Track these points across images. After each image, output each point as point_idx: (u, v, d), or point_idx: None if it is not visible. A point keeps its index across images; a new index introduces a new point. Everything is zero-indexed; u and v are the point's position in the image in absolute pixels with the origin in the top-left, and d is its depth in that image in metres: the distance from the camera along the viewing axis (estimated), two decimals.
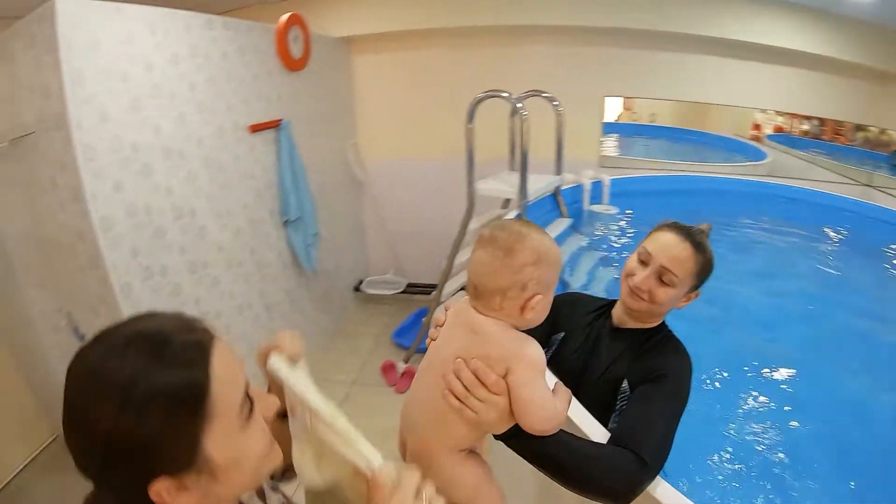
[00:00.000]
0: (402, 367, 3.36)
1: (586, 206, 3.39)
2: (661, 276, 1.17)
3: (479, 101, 2.69)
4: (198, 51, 2.44)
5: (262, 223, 2.99)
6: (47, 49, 1.81)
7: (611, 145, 4.14)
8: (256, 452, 0.57)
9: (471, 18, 3.57)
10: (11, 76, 1.97)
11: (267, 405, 0.63)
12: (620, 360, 1.22)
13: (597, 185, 3.42)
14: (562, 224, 3.08)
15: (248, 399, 0.56)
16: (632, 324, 1.27)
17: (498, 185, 2.87)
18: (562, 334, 1.37)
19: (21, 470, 2.69)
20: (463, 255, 3.01)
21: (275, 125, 3.05)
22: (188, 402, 0.49)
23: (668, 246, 1.18)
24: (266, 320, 3.02)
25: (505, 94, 2.64)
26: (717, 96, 3.67)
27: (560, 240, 2.87)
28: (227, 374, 0.53)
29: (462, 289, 3.28)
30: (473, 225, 2.89)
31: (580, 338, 1.33)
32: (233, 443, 0.53)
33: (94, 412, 0.47)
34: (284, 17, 3.06)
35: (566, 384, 0.93)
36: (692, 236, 1.19)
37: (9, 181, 2.25)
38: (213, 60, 2.55)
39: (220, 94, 2.61)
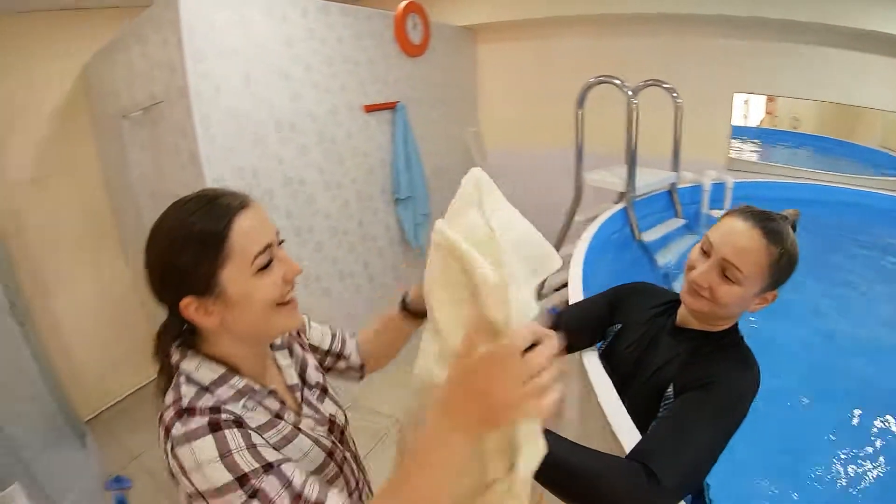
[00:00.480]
0: None
1: (705, 208, 2.97)
2: (725, 271, 0.96)
3: (590, 86, 2.55)
4: (314, 34, 2.64)
5: (371, 198, 3.13)
6: (172, 31, 2.10)
7: (750, 150, 3.60)
8: (264, 297, 0.71)
9: (596, 6, 3.35)
10: (145, 55, 2.33)
11: (290, 269, 0.75)
12: (673, 363, 1.04)
13: (719, 188, 2.96)
14: (674, 224, 2.77)
15: (269, 258, 0.72)
16: (696, 325, 1.06)
17: (607, 176, 2.67)
18: (619, 326, 1.21)
19: (130, 394, 3.43)
20: (567, 248, 2.79)
21: (390, 107, 3.16)
22: (210, 244, 0.68)
23: (733, 235, 0.96)
24: (368, 290, 3.13)
25: (617, 81, 2.45)
26: (862, 98, 2.93)
27: (671, 239, 2.59)
28: (247, 230, 0.70)
29: (564, 285, 3.04)
30: (580, 217, 2.73)
31: (637, 333, 1.15)
32: (243, 283, 0.70)
33: (156, 248, 0.69)
34: (402, 4, 3.18)
35: (615, 383, 0.87)
36: (766, 223, 0.95)
37: (142, 145, 2.65)
38: (329, 44, 2.73)
39: (335, 76, 2.78)
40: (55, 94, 3.00)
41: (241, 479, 0.60)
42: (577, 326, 1.24)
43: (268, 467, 0.63)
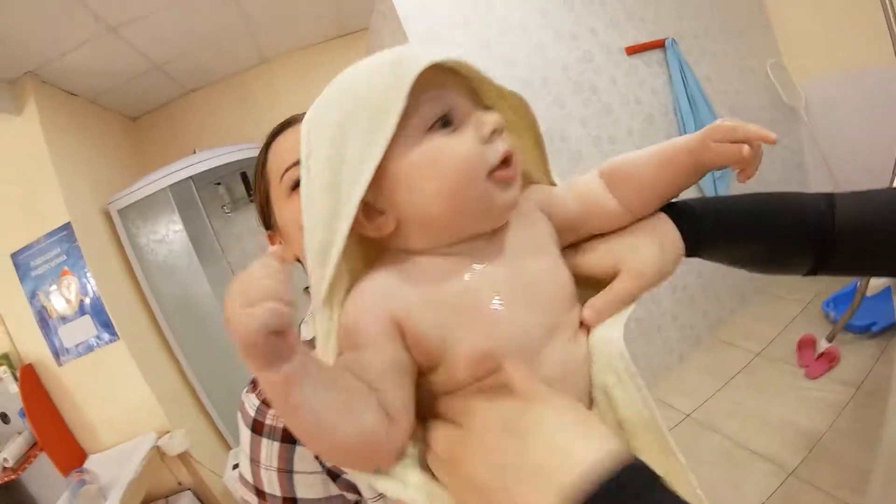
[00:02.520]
0: (823, 345, 2.17)
1: None
2: None
3: None
4: None
5: None
6: (391, 15, 2.03)
7: None
8: (296, 221, 0.58)
9: None
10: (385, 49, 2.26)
11: None
12: None
13: None
14: None
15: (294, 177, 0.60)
16: None
17: None
18: None
19: None
20: None
21: (659, 45, 2.51)
22: (258, 171, 0.66)
23: None
24: None
25: None
26: None
27: None
28: (278, 150, 0.63)
29: None
30: None
31: None
32: (282, 208, 0.62)
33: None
34: None
35: None
36: None
37: None
38: None
39: (579, 19, 2.32)
40: None
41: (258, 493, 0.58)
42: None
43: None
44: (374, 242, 0.44)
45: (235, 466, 2.14)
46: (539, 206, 0.47)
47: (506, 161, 0.40)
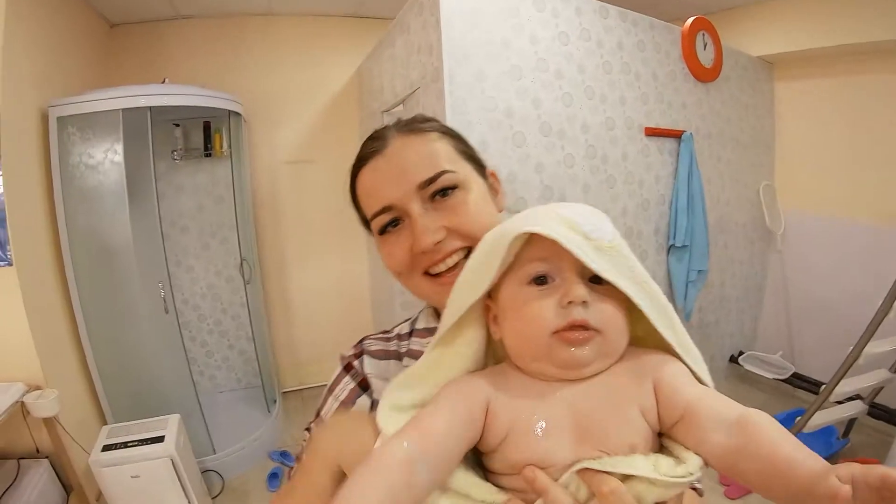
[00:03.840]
0: None
1: None
2: None
3: None
4: (590, 35, 2.18)
5: (641, 237, 2.43)
6: (431, 11, 1.86)
7: None
8: (386, 263, 0.64)
9: None
10: (407, 43, 2.13)
11: (416, 240, 0.60)
12: None
13: None
14: None
15: (391, 218, 0.61)
16: None
17: None
18: None
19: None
20: (877, 346, 1.97)
21: (676, 135, 2.48)
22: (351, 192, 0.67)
23: None
24: None
25: None
26: None
27: None
28: (367, 187, 0.63)
29: (858, 397, 2.26)
30: None
31: None
32: (377, 246, 0.65)
33: None
34: (691, 19, 2.58)
35: None
36: None
37: None
38: (607, 48, 2.24)
39: (614, 84, 2.25)
40: (332, 89, 3.25)
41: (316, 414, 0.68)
42: None
43: None
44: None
45: (109, 448, 1.86)
46: (654, 380, 0.48)
47: (574, 326, 0.46)
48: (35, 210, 1.96)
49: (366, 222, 0.65)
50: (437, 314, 0.68)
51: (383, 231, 0.62)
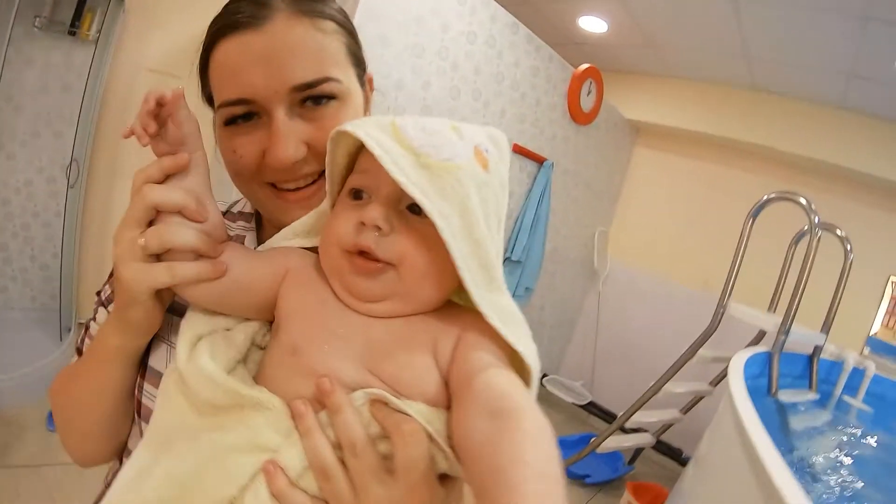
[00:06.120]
0: None
1: (838, 390, 2.26)
2: None
3: (769, 201, 2.08)
4: (495, 43, 2.33)
5: None
6: None
7: None
8: (226, 158, 0.54)
9: (771, 138, 2.93)
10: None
11: (273, 147, 0.51)
12: None
13: (857, 374, 2.24)
14: (804, 395, 2.11)
15: (245, 112, 0.51)
16: None
17: (755, 312, 2.13)
18: None
19: None
20: (677, 386, 2.26)
21: (539, 160, 2.74)
22: (200, 70, 0.58)
23: None
24: None
25: (803, 201, 1.96)
26: None
27: (795, 409, 2.01)
28: (224, 67, 0.51)
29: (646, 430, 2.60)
30: (705, 352, 2.17)
31: None
32: (216, 136, 0.55)
33: None
34: (585, 65, 2.86)
35: None
36: None
37: None
38: (505, 61, 2.41)
39: (500, 95, 2.43)
40: None
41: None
42: None
43: None
44: None
45: None
46: (457, 337, 0.42)
47: (361, 252, 0.41)
48: None
49: (210, 101, 0.54)
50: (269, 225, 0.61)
51: (231, 122, 0.51)
